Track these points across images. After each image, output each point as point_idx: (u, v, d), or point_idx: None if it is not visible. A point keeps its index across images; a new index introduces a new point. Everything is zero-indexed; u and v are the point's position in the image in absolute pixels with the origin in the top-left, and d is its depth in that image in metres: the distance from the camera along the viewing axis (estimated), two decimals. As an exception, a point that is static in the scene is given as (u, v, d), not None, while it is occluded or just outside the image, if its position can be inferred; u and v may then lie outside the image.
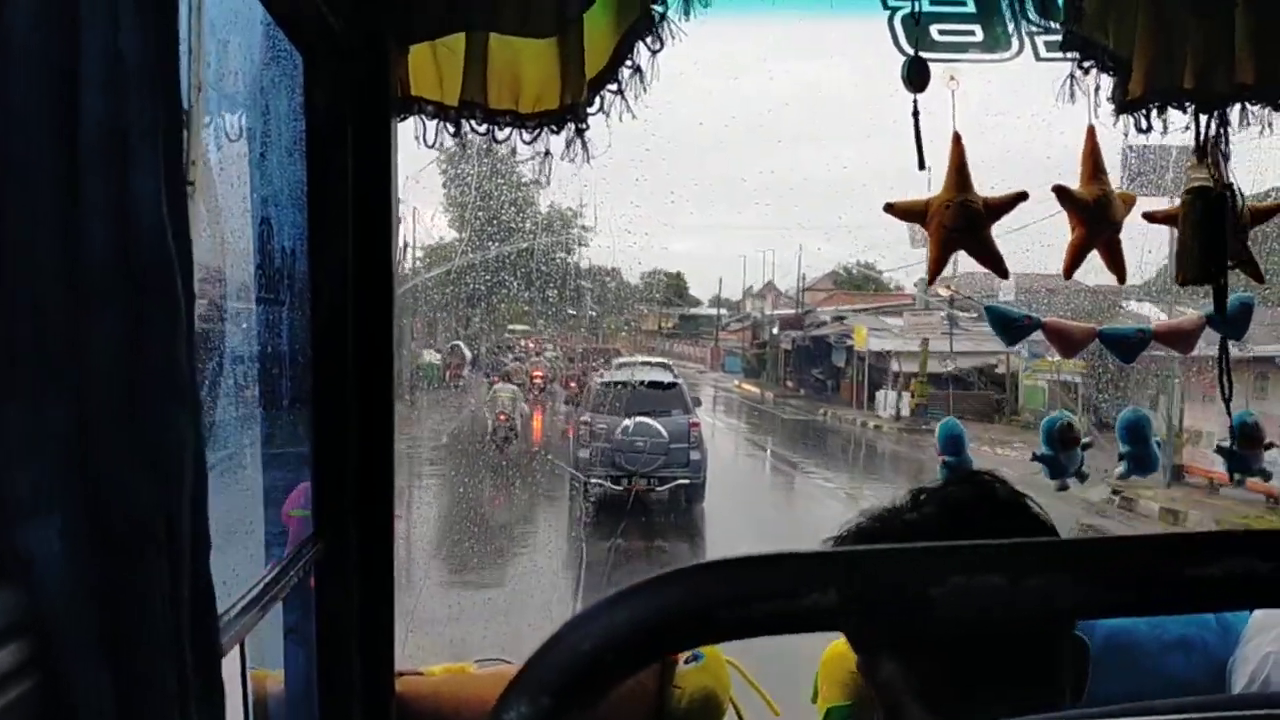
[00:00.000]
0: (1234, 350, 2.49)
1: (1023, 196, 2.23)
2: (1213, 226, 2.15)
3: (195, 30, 1.17)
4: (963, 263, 2.30)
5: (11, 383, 0.65)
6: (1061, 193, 2.23)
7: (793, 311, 41.92)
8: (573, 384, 24.34)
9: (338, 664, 1.92)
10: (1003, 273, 2.29)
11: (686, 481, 16.26)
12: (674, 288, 49.82)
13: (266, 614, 1.57)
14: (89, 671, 0.66)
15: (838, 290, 43.31)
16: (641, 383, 17.95)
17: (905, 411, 28.15)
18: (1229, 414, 2.48)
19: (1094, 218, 2.24)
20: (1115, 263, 2.31)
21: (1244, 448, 2.61)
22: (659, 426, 16.45)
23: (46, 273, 0.66)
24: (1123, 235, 2.31)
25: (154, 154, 0.69)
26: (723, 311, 52.80)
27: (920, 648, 1.06)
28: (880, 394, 30.82)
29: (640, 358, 25.10)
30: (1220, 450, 2.69)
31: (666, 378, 19.09)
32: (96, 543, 0.67)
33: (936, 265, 2.27)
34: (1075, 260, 2.30)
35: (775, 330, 42.86)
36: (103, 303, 0.68)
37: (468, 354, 26.90)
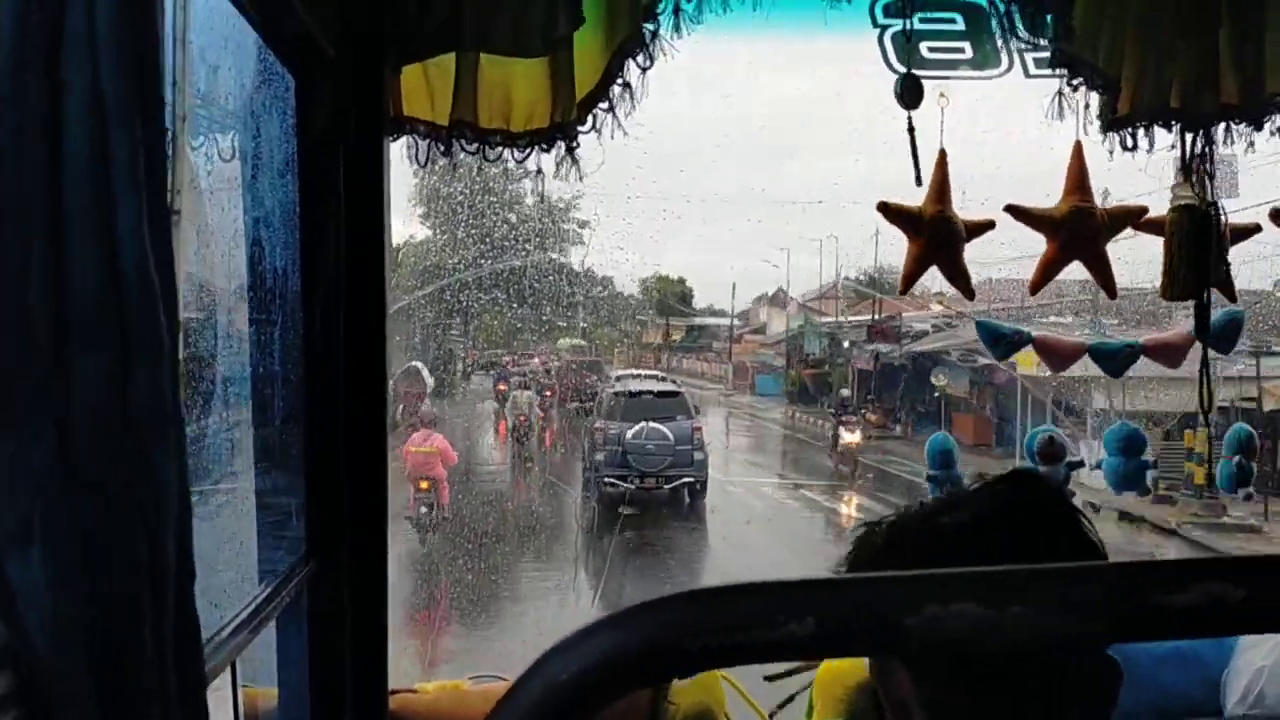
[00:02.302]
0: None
1: (990, 225, 2.28)
2: (1197, 244, 2.17)
3: (180, 61, 1.18)
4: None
5: None
6: (1015, 211, 2.27)
7: (868, 318, 31.50)
8: (549, 392, 25.40)
9: (331, 682, 1.91)
10: (969, 293, 2.32)
11: (691, 480, 18.14)
12: (676, 294, 45.45)
13: (259, 634, 1.57)
14: (74, 703, 0.66)
15: (862, 300, 35.26)
16: (649, 392, 20.15)
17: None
18: (1208, 426, 2.49)
19: (1065, 234, 2.26)
20: (1103, 277, 2.32)
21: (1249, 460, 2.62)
22: (665, 430, 18.20)
23: (32, 308, 0.67)
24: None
25: (137, 189, 0.70)
26: (735, 321, 46.72)
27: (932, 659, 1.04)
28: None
29: (635, 371, 25.67)
30: (1240, 468, 2.72)
31: (670, 387, 21.31)
32: (81, 575, 0.67)
33: (913, 275, 2.29)
34: (1043, 275, 2.33)
35: (846, 344, 32.44)
36: (88, 337, 0.68)
37: (429, 380, 21.69)
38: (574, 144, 2.00)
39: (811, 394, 34.71)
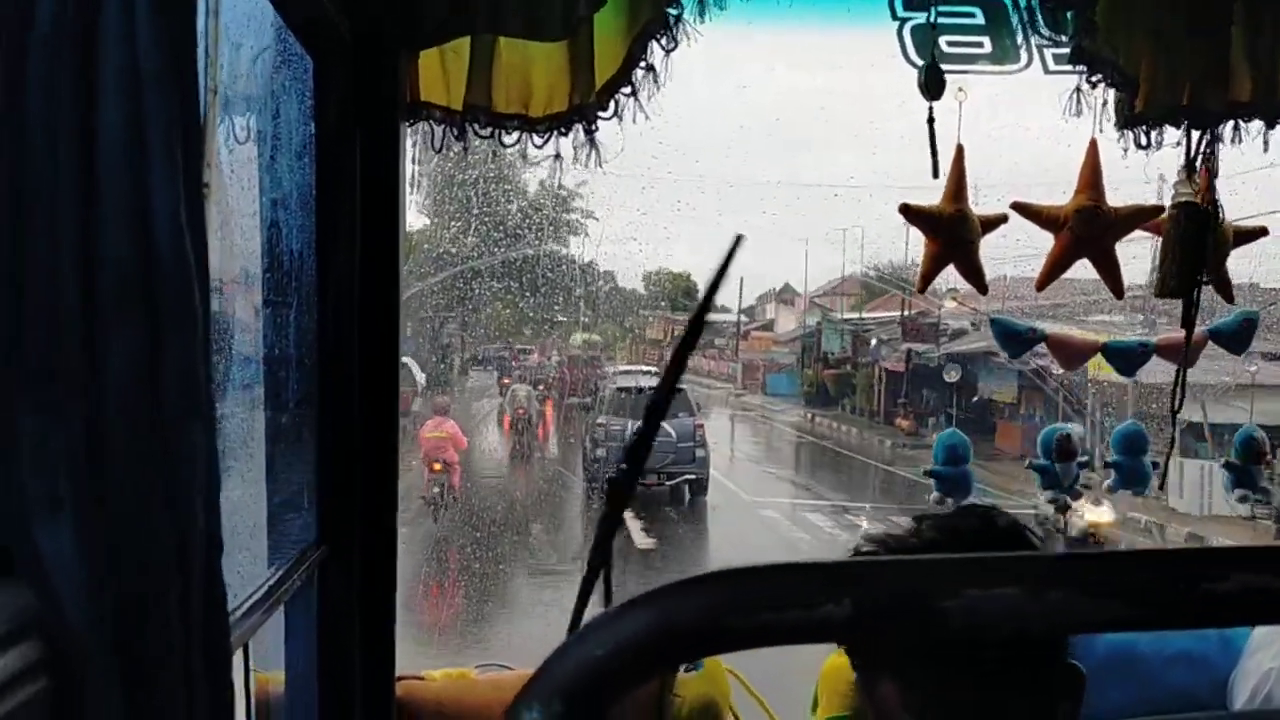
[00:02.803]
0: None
1: (1003, 219, 2.27)
2: (1194, 242, 2.17)
3: (211, 34, 1.18)
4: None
5: (29, 388, 0.66)
6: (1022, 208, 2.27)
7: (895, 314, 27.53)
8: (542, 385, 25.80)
9: (339, 667, 1.91)
10: (983, 289, 2.32)
11: (693, 476, 18.18)
12: (681, 289, 42.30)
13: (270, 617, 1.57)
14: (100, 673, 0.66)
15: (874, 296, 32.43)
16: (649, 389, 19.11)
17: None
18: (1174, 426, 2.49)
19: (1071, 231, 2.26)
20: (1109, 275, 2.32)
21: (1248, 463, 2.62)
22: (668, 427, 17.95)
23: (66, 280, 0.67)
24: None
25: (172, 160, 0.70)
26: (741, 317, 44.12)
27: (918, 668, 1.08)
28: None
29: (632, 367, 25.53)
30: (1228, 466, 2.72)
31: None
32: (110, 546, 0.67)
33: (931, 274, 2.29)
34: (1049, 272, 2.32)
35: (874, 342, 28.96)
36: (121, 309, 0.68)
37: (419, 376, 21.58)
38: (593, 128, 1.98)
39: (831, 396, 31.87)
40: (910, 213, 2.26)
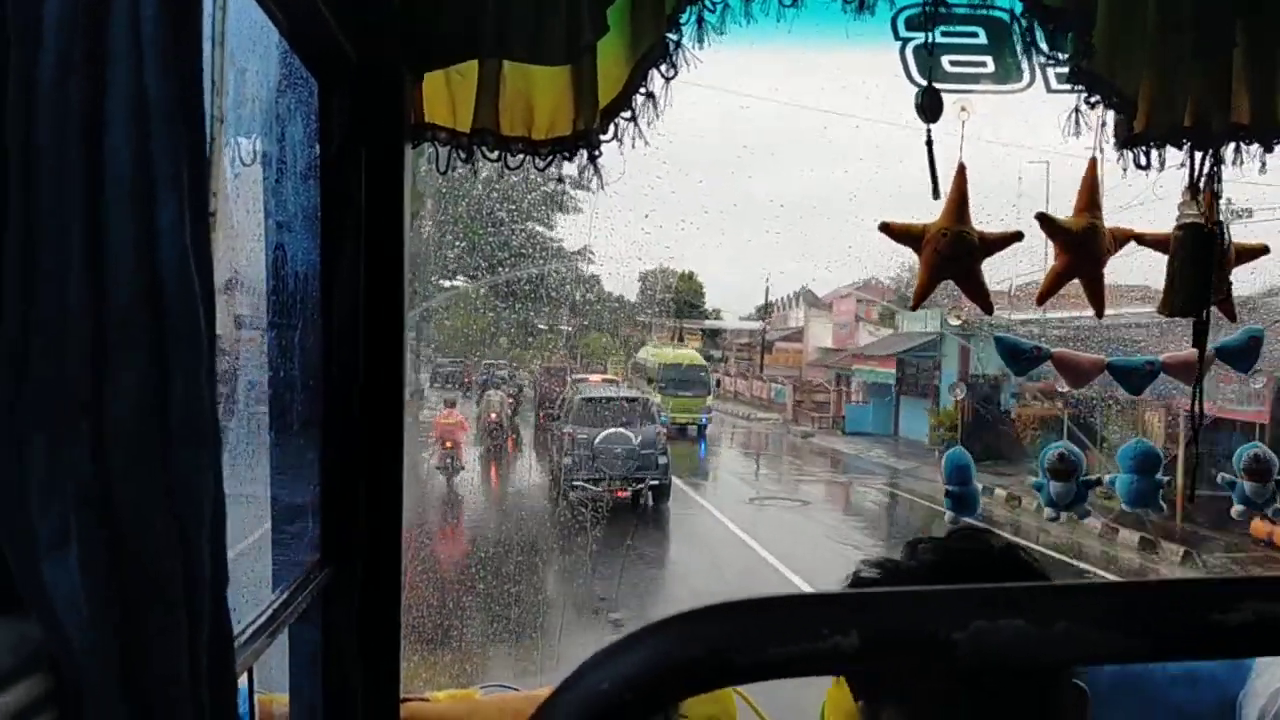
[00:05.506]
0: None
1: (1018, 236, 2.27)
2: (1201, 262, 2.18)
3: (218, 62, 1.18)
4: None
5: (36, 420, 0.66)
6: (1046, 221, 2.26)
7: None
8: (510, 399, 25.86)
9: (343, 689, 1.91)
10: (987, 308, 2.31)
11: (656, 482, 19.15)
12: (688, 291, 35.97)
13: (275, 640, 1.56)
14: (107, 707, 0.66)
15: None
16: (615, 398, 21.17)
17: None
18: (1195, 445, 2.48)
19: (1079, 249, 2.26)
20: (1095, 296, 2.33)
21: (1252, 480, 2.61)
22: (630, 435, 19.12)
23: (73, 311, 0.67)
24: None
25: (178, 190, 0.70)
26: (766, 326, 38.46)
27: (921, 694, 1.08)
28: None
29: (591, 376, 24.96)
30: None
31: (634, 393, 22.42)
32: (116, 580, 0.67)
33: (924, 290, 2.29)
34: (1052, 287, 2.33)
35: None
36: (128, 340, 0.68)
37: None
38: (596, 152, 2.00)
39: (1027, 450, 19.00)
40: (891, 231, 2.26)
